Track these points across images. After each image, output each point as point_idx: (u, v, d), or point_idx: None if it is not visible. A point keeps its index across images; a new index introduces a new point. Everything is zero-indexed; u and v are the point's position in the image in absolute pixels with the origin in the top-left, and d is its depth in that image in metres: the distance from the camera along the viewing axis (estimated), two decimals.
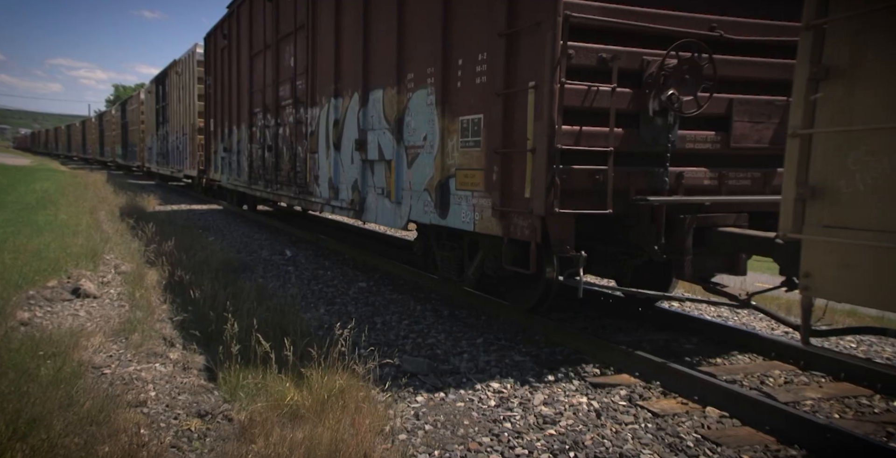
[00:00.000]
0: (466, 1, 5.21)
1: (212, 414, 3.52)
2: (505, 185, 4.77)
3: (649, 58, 4.55)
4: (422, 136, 5.91)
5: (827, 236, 2.62)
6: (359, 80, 7.13)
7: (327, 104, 8.11)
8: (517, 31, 4.61)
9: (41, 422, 2.93)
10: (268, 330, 4.40)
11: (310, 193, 8.81)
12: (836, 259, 2.60)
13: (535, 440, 3.33)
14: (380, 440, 3.25)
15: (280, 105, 10.07)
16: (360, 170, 7.22)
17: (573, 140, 4.44)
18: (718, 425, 3.56)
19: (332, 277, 7.75)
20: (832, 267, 2.61)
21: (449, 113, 5.48)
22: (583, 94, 4.44)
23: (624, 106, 4.54)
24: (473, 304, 6.23)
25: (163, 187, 24.12)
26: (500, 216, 4.81)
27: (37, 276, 6.25)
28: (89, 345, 4.41)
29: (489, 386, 4.12)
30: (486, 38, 4.92)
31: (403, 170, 6.29)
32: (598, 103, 4.46)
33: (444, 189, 5.57)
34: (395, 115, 6.38)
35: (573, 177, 4.42)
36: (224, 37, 13.57)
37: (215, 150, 14.86)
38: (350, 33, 7.37)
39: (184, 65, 18.50)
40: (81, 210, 12.67)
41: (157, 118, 23.55)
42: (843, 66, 2.60)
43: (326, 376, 3.70)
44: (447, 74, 5.49)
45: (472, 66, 5.17)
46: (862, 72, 2.54)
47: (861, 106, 2.53)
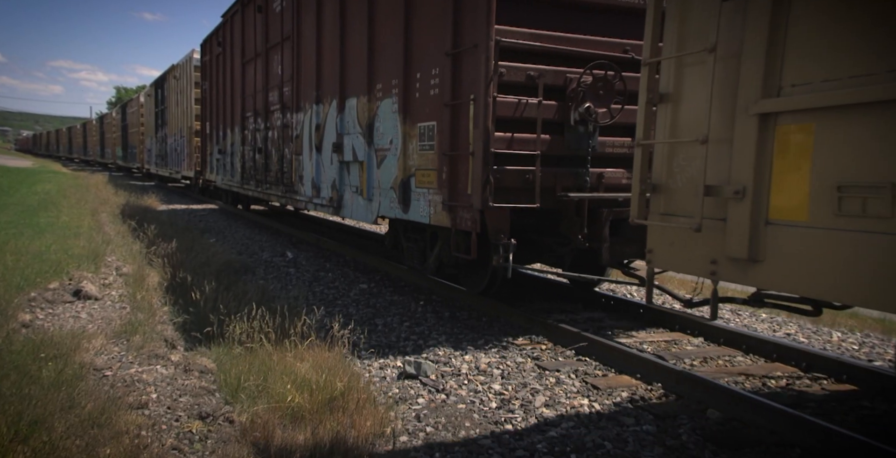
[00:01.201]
0: (423, 22, 6.07)
1: (213, 416, 3.54)
2: (452, 183, 5.63)
3: (571, 75, 5.40)
4: (388, 139, 6.77)
5: (661, 221, 3.47)
6: (336, 88, 8.00)
7: (310, 110, 8.98)
8: (461, 52, 5.47)
9: (43, 424, 2.95)
10: (269, 332, 4.52)
11: (295, 192, 9.69)
12: (665, 238, 3.44)
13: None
14: (381, 442, 3.32)
15: (269, 110, 10.96)
16: (338, 170, 8.09)
17: (506, 145, 5.29)
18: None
19: (334, 278, 7.85)
20: (663, 244, 3.45)
21: (409, 120, 6.34)
22: (514, 106, 5.29)
23: (550, 116, 5.40)
24: (475, 305, 6.44)
25: (162, 188, 24.94)
26: (449, 210, 5.67)
27: (38, 278, 6.26)
28: (91, 347, 4.42)
29: (490, 388, 4.21)
30: (438, 56, 5.77)
31: (374, 170, 7.16)
32: (527, 114, 5.32)
33: (406, 187, 6.43)
34: (366, 120, 7.25)
35: (506, 176, 5.28)
36: (219, 44, 14.48)
37: (211, 152, 15.76)
38: (329, 46, 8.25)
39: (181, 70, 19.42)
40: (83, 212, 12.80)
41: (156, 121, 24.47)
42: (670, 93, 3.45)
43: (327, 378, 3.77)
44: (408, 86, 6.35)
45: (428, 79, 6.03)
46: (681, 98, 3.38)
47: (681, 124, 3.38)
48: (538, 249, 6.37)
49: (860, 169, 2.51)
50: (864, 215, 2.49)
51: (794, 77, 2.79)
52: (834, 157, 2.61)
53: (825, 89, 2.64)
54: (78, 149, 60.73)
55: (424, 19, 6.00)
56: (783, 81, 2.83)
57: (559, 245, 5.91)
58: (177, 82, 20.11)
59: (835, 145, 2.61)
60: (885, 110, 2.40)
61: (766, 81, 2.87)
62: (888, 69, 2.40)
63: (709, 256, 3.17)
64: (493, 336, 5.41)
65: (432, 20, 5.84)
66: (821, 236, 2.65)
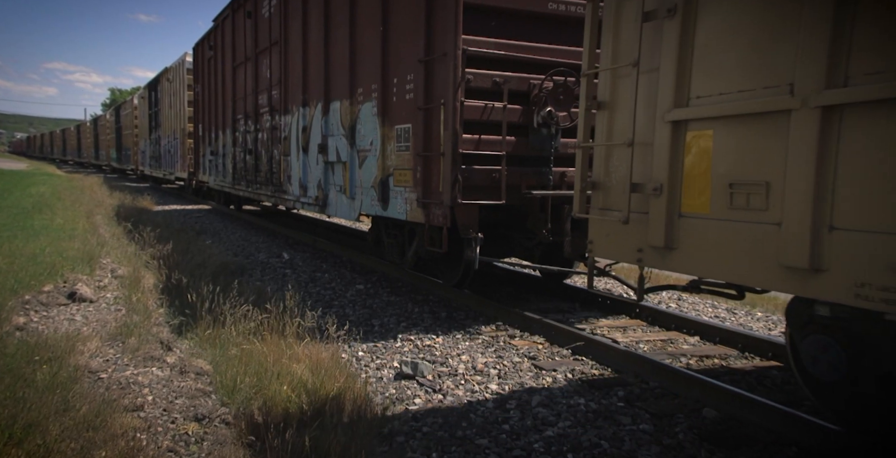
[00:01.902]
0: (399, 32, 6.53)
1: (209, 418, 3.55)
2: (426, 181, 6.10)
3: (534, 81, 5.87)
4: (369, 141, 7.24)
5: (599, 215, 3.94)
6: (322, 92, 8.47)
7: (297, 112, 9.45)
8: (432, 59, 5.94)
9: (37, 427, 2.94)
10: (265, 333, 4.62)
11: (284, 192, 10.15)
12: (603, 230, 3.91)
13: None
14: (378, 442, 3.36)
15: (259, 112, 11.42)
16: (324, 170, 8.55)
17: (473, 146, 5.76)
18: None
19: (330, 279, 7.92)
20: (601, 236, 3.92)
21: (388, 122, 6.81)
22: (481, 109, 5.76)
23: (515, 119, 5.87)
24: (472, 306, 6.55)
25: (156, 190, 25.36)
26: (423, 207, 6.13)
27: (32, 280, 6.24)
28: (86, 349, 4.42)
29: (487, 388, 4.27)
30: (413, 63, 6.24)
31: (356, 170, 7.62)
32: (493, 117, 5.79)
33: (385, 186, 6.90)
34: (349, 123, 7.72)
35: (474, 175, 5.75)
36: (210, 48, 14.93)
37: (203, 153, 16.21)
38: (314, 51, 8.71)
39: (174, 72, 19.87)
40: (78, 214, 12.80)
41: (150, 123, 24.91)
42: (606, 101, 3.92)
43: (324, 379, 3.84)
44: (386, 90, 6.82)
45: (404, 84, 6.49)
46: (615, 105, 3.85)
47: (615, 129, 3.85)
48: (509, 243, 6.84)
49: (745, 169, 2.98)
50: (747, 208, 2.96)
51: (698, 90, 3.26)
52: (727, 159, 3.09)
53: (720, 102, 3.11)
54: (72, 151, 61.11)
55: (400, 29, 6.47)
56: (691, 93, 3.30)
57: (526, 240, 6.38)
58: (170, 85, 20.56)
59: (727, 149, 3.09)
60: (761, 121, 2.87)
61: (678, 92, 3.34)
62: (763, 86, 2.87)
63: (636, 245, 3.65)
64: (491, 335, 5.54)
65: (407, 30, 6.30)
66: (718, 226, 3.13)
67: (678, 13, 3.30)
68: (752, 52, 2.93)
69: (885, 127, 2.42)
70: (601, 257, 3.94)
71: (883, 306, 2.39)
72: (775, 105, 2.79)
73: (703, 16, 3.23)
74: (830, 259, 2.59)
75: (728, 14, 3.10)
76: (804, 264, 2.66)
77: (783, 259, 2.76)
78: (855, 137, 2.52)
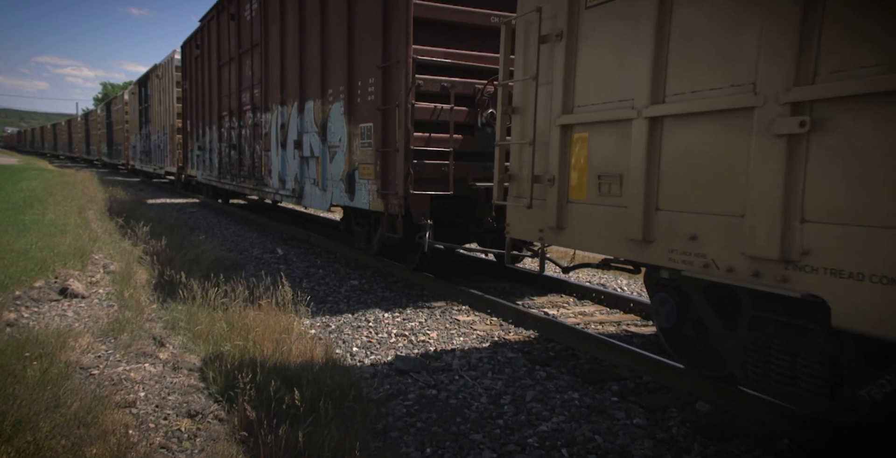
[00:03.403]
0: (362, 40, 7.33)
1: (202, 414, 3.55)
2: (385, 174, 6.91)
3: (479, 86, 6.68)
4: (338, 138, 8.04)
5: (513, 202, 4.75)
6: (297, 92, 9.26)
7: (276, 110, 10.24)
8: (388, 66, 6.74)
9: (27, 424, 2.93)
10: (259, 329, 4.72)
11: (265, 185, 10.95)
12: (516, 215, 4.73)
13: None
14: (372, 437, 3.41)
15: (242, 110, 12.21)
16: (299, 165, 9.36)
17: (424, 143, 6.57)
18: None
19: (324, 274, 8.03)
20: (515, 219, 4.74)
21: (353, 121, 7.61)
22: (430, 111, 6.58)
23: (462, 119, 6.68)
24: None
25: (148, 184, 26.07)
26: (383, 197, 6.95)
27: (23, 276, 6.21)
28: (77, 346, 4.40)
29: (481, 383, 4.36)
30: (373, 69, 7.04)
31: (327, 164, 8.43)
32: (441, 118, 6.60)
33: (351, 179, 7.71)
34: (321, 121, 8.52)
35: (425, 169, 6.56)
36: (197, 47, 15.68)
37: (192, 148, 16.98)
38: (291, 54, 9.50)
39: (163, 69, 20.58)
40: (69, 209, 12.77)
41: (140, 118, 25.62)
42: (519, 107, 4.73)
43: (318, 375, 3.90)
44: (351, 92, 7.62)
45: (366, 87, 7.30)
46: (525, 110, 4.65)
47: (525, 130, 4.65)
48: (463, 230, 7.66)
49: (608, 164, 3.80)
50: (609, 195, 3.78)
51: (579, 100, 4.07)
52: (598, 156, 3.91)
53: (593, 110, 3.92)
54: (63, 146, 61.67)
55: (363, 37, 7.27)
56: (575, 102, 4.11)
57: (475, 227, 7.20)
58: (159, 81, 21.27)
59: (598, 148, 3.90)
60: (617, 127, 3.69)
61: (565, 101, 4.15)
62: (618, 99, 3.68)
63: (538, 226, 4.46)
64: (486, 332, 5.64)
65: (368, 38, 7.10)
66: (591, 209, 3.95)
67: (564, 38, 4.11)
68: (611, 72, 3.75)
69: (689, 134, 3.23)
70: (515, 236, 4.75)
71: (682, 265, 3.22)
72: (624, 115, 3.61)
73: (582, 41, 4.04)
74: (656, 233, 3.42)
75: (597, 41, 3.91)
76: (640, 236, 3.48)
77: (628, 234, 3.58)
78: (672, 141, 3.34)
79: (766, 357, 3.04)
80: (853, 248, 2.43)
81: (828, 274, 2.52)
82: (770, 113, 2.74)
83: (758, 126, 2.80)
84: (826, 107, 2.54)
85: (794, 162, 2.65)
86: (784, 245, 2.69)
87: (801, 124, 2.60)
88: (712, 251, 3.08)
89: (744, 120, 2.89)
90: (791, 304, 2.90)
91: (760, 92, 2.79)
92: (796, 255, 2.65)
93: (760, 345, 3.08)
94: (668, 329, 4.01)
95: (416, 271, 7.59)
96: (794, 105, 2.64)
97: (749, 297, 3.19)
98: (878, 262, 2.34)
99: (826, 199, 2.55)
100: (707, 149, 3.14)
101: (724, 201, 3.02)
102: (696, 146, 3.21)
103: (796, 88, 2.63)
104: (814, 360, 2.81)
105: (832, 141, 2.52)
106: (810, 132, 2.59)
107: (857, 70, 2.42)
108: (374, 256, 8.29)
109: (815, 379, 2.79)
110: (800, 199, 2.64)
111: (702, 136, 3.18)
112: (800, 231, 2.64)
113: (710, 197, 3.11)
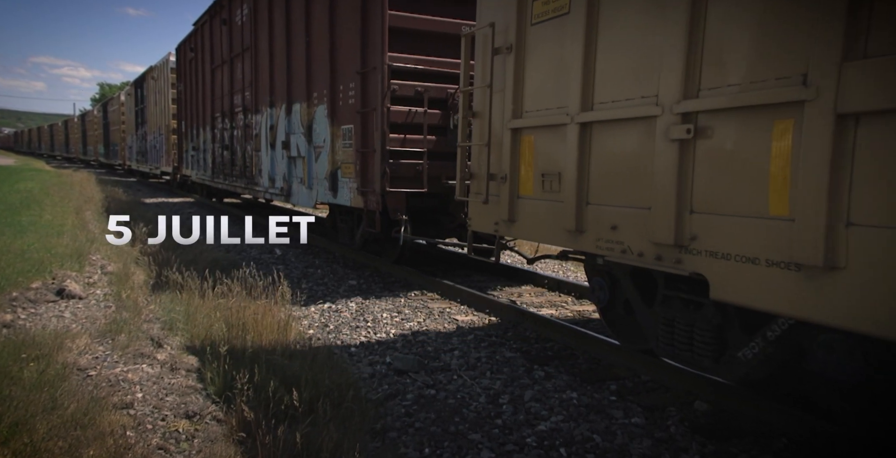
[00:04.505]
0: (343, 46, 7.82)
1: (200, 415, 3.55)
2: (364, 173, 7.41)
3: (451, 90, 7.18)
4: (322, 139, 8.54)
5: (474, 198, 5.25)
6: (285, 95, 9.76)
7: (266, 112, 10.74)
8: (367, 71, 7.24)
9: (24, 426, 2.92)
10: (257, 329, 4.74)
11: (255, 184, 11.45)
12: (476, 209, 5.23)
13: None
14: (371, 437, 3.42)
15: (234, 111, 12.70)
16: (287, 164, 9.86)
17: (399, 144, 7.08)
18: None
19: (323, 275, 8.10)
20: (475, 213, 5.24)
21: (336, 123, 8.11)
22: (405, 114, 7.08)
23: (435, 122, 7.18)
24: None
25: (144, 184, 26.52)
26: (362, 194, 7.45)
27: (20, 277, 6.20)
28: (74, 347, 4.40)
29: (479, 382, 4.37)
30: (353, 74, 7.54)
31: (313, 163, 8.93)
32: (416, 120, 7.10)
33: (334, 177, 8.21)
34: (307, 122, 9.02)
35: (400, 168, 7.06)
36: (191, 50, 16.16)
37: (186, 149, 17.47)
38: (279, 59, 9.99)
39: (159, 71, 21.06)
40: (67, 210, 12.78)
41: (136, 119, 26.08)
42: (480, 111, 5.22)
43: (316, 375, 3.89)
44: (334, 96, 8.12)
45: (347, 91, 7.79)
46: (484, 115, 5.15)
47: (483, 132, 5.15)
48: (440, 226, 8.16)
49: (549, 164, 4.31)
50: (550, 191, 4.29)
51: (527, 106, 4.57)
52: (541, 156, 4.41)
53: (538, 116, 4.43)
54: (60, 146, 62.10)
55: (344, 44, 7.77)
56: (523, 108, 4.61)
57: (450, 222, 7.71)
58: (155, 83, 21.75)
59: (542, 149, 4.41)
60: (555, 130, 4.19)
61: (515, 107, 4.65)
62: (557, 106, 4.18)
63: (494, 219, 4.97)
64: (483, 331, 5.71)
65: (349, 45, 7.61)
66: (537, 204, 4.45)
67: (513, 50, 4.61)
68: (552, 82, 4.26)
69: (611, 137, 3.74)
70: (476, 229, 5.26)
71: (606, 251, 3.73)
72: (561, 120, 4.11)
73: (528, 53, 4.54)
74: (587, 224, 3.92)
75: (540, 54, 4.41)
76: (574, 227, 3.99)
77: (565, 225, 4.09)
78: (598, 144, 3.85)
79: (671, 329, 3.56)
80: (724, 233, 2.94)
81: (707, 255, 3.03)
82: (667, 121, 3.24)
83: (659, 132, 3.30)
84: (706, 117, 3.05)
85: (684, 162, 3.16)
86: (678, 232, 3.20)
87: (687, 131, 3.11)
88: (628, 239, 3.59)
89: (650, 127, 3.40)
90: (691, 283, 3.41)
91: (661, 103, 3.29)
92: (686, 240, 3.16)
93: (668, 319, 3.60)
94: (605, 310, 4.52)
95: (396, 265, 8.09)
96: (683, 115, 3.15)
97: (662, 279, 3.70)
98: (740, 245, 2.85)
99: (706, 193, 3.06)
100: (624, 150, 3.65)
101: (636, 196, 3.53)
102: (617, 148, 3.72)
103: (685, 100, 3.14)
104: (705, 329, 3.33)
105: (709, 145, 3.03)
106: (695, 138, 3.10)
107: (724, 88, 2.93)
108: (358, 250, 8.80)
109: (706, 345, 3.31)
110: (689, 193, 3.15)
111: (621, 139, 3.69)
112: (689, 221, 3.15)
113: (626, 192, 3.62)
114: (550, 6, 4.25)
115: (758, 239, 2.75)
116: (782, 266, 2.63)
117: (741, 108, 2.84)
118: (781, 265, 2.63)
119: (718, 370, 3.35)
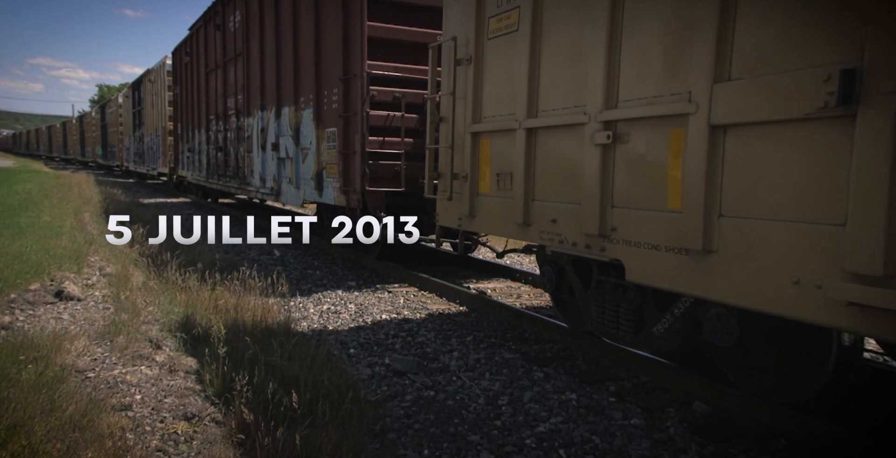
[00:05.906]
0: (327, 53, 8.28)
1: (199, 417, 3.55)
2: (346, 173, 7.87)
3: (427, 96, 7.63)
4: (309, 141, 9.00)
5: (441, 196, 5.72)
6: (275, 99, 10.22)
7: (257, 115, 11.20)
8: (348, 78, 7.71)
9: (22, 428, 2.92)
10: (255, 331, 4.74)
11: (248, 184, 11.91)
12: (443, 206, 5.69)
13: None
14: (370, 439, 3.40)
15: (227, 114, 13.15)
16: (277, 165, 10.31)
17: (378, 146, 7.54)
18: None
19: (322, 276, 8.12)
20: (442, 210, 5.71)
21: (321, 126, 8.57)
22: (384, 118, 7.54)
23: (412, 125, 7.65)
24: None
25: (142, 185, 26.94)
26: (344, 193, 7.91)
27: (18, 279, 6.19)
28: (73, 348, 4.39)
29: (479, 384, 4.34)
30: (336, 80, 7.99)
31: (300, 164, 9.39)
32: (394, 124, 7.56)
33: (320, 177, 8.67)
34: (295, 125, 9.48)
35: (379, 168, 7.53)
36: (187, 54, 16.60)
37: (182, 150, 17.91)
38: (269, 65, 10.45)
39: (156, 74, 21.49)
40: (65, 211, 12.80)
41: (134, 121, 26.51)
42: (446, 116, 5.68)
43: (315, 376, 3.86)
44: (319, 100, 8.58)
45: (331, 96, 8.25)
46: (447, 120, 5.61)
47: (447, 135, 5.62)
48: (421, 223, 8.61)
49: (503, 165, 4.78)
50: (504, 189, 4.75)
51: (485, 112, 5.04)
52: (497, 158, 4.88)
53: (493, 121, 4.89)
54: (58, 148, 62.46)
55: (327, 52, 8.23)
56: (482, 114, 5.08)
57: (428, 219, 8.17)
58: (152, 85, 22.18)
59: (497, 151, 4.87)
60: (507, 135, 4.66)
61: (474, 113, 5.12)
62: (508, 113, 4.65)
63: (457, 215, 5.44)
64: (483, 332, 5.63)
65: (332, 53, 8.07)
66: (493, 200, 4.92)
67: (472, 62, 5.08)
68: (504, 91, 4.73)
69: (551, 141, 4.20)
70: (442, 224, 5.74)
71: (548, 242, 4.21)
72: (512, 125, 4.58)
73: (485, 65, 5.01)
74: (533, 218, 4.39)
75: (494, 66, 4.88)
76: (522, 221, 4.46)
77: (515, 219, 4.56)
78: (542, 147, 4.32)
79: (602, 310, 4.03)
80: (636, 224, 3.42)
81: (624, 244, 3.50)
82: (593, 128, 3.71)
83: (587, 137, 3.78)
84: (623, 125, 3.53)
85: (606, 164, 3.63)
86: (602, 224, 3.67)
87: (608, 137, 3.57)
88: (564, 231, 4.06)
89: (580, 132, 3.87)
90: (619, 269, 3.88)
91: (588, 112, 3.77)
92: (608, 231, 3.63)
93: (600, 301, 4.07)
94: (554, 296, 4.99)
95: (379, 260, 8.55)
96: (605, 123, 3.62)
97: (596, 266, 4.17)
98: (647, 234, 3.32)
99: (624, 190, 3.54)
100: (562, 153, 4.12)
101: (571, 193, 4.00)
102: (556, 151, 4.19)
103: (606, 110, 3.61)
104: (628, 309, 3.80)
105: (625, 149, 3.50)
106: (614, 143, 3.57)
107: (636, 100, 3.40)
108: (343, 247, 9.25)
109: (629, 322, 3.78)
110: (610, 190, 3.63)
111: (559, 143, 4.16)
112: (611, 214, 3.62)
113: (563, 190, 4.08)
114: (503, 23, 4.71)
115: (660, 229, 3.22)
116: (676, 251, 3.10)
117: (648, 117, 3.31)
118: (675, 250, 3.10)
119: (637, 344, 3.82)
